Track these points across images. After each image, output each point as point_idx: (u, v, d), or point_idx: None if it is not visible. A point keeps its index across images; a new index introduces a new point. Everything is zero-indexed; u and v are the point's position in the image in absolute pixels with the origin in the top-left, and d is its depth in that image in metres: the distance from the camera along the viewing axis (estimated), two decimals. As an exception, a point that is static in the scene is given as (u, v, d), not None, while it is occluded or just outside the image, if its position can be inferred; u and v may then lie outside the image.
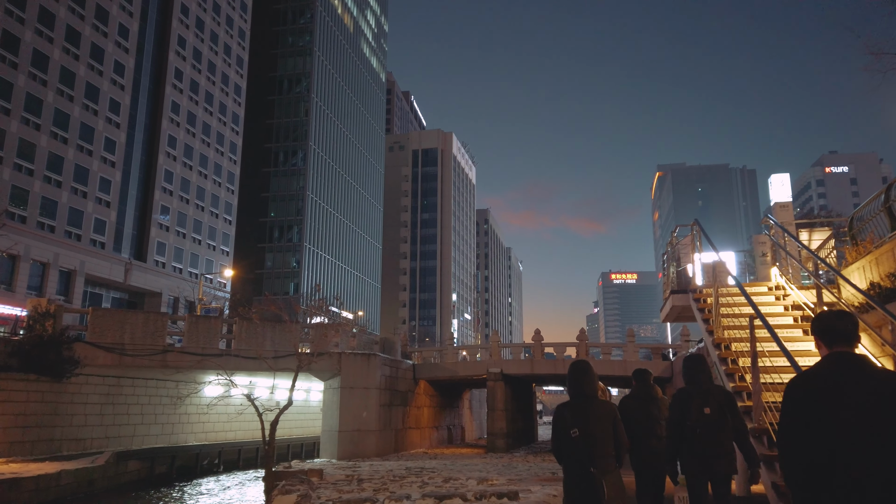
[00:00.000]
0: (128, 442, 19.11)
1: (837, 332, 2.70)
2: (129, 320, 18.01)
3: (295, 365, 20.29)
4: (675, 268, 8.98)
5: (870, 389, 2.50)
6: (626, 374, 24.96)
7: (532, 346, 26.44)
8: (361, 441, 20.74)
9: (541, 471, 13.82)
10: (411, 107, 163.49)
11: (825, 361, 2.65)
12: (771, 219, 8.19)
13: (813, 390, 2.59)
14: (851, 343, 2.69)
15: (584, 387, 4.27)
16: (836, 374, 2.59)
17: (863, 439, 2.42)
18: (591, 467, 4.03)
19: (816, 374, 2.64)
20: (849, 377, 2.56)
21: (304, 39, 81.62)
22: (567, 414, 4.22)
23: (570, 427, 4.15)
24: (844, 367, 2.60)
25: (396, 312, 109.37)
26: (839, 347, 2.68)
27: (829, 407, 2.51)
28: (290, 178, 78.24)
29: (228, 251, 63.66)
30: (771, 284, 8.13)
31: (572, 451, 4.13)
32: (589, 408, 4.20)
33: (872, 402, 2.47)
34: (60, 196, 44.29)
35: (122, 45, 50.71)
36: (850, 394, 2.51)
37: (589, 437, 4.10)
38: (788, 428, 2.59)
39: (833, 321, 2.74)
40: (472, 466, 14.93)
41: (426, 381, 27.17)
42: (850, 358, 2.62)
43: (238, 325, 20.22)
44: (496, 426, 25.37)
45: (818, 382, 2.60)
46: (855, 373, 2.57)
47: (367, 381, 21.24)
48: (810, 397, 2.58)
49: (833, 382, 2.57)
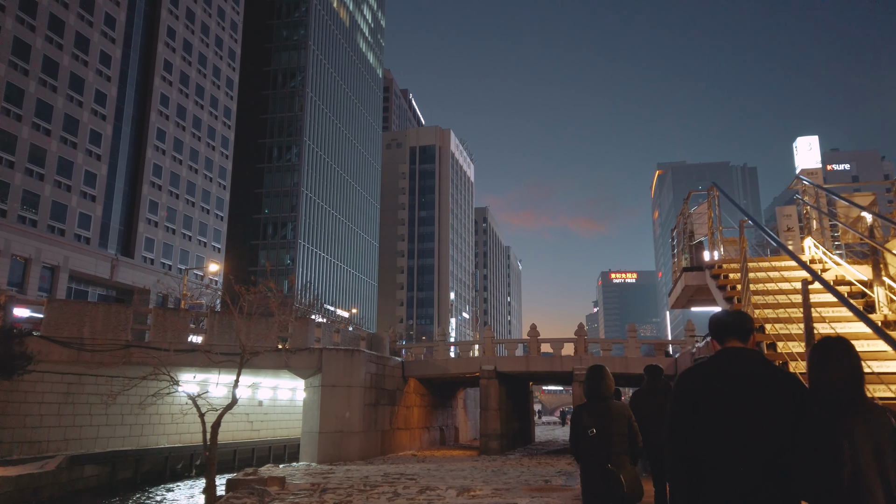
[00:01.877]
0: (90, 445, 17.73)
1: (728, 327, 2.70)
2: (89, 313, 16.62)
3: (273, 362, 18.94)
4: (688, 242, 7.61)
5: (745, 385, 2.47)
6: (626, 371, 23.55)
7: (528, 341, 25.03)
8: (344, 443, 19.34)
9: (533, 477, 12.44)
10: (409, 105, 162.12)
11: (712, 357, 2.67)
12: (805, 180, 6.84)
13: (692, 385, 2.59)
14: (744, 339, 2.67)
15: (600, 389, 4.46)
16: (716, 369, 2.59)
17: (731, 435, 2.41)
18: (607, 464, 4.24)
19: (699, 369, 2.64)
20: (729, 372, 2.54)
21: (299, 33, 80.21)
22: (584, 414, 4.45)
23: (587, 426, 4.37)
24: (727, 362, 2.60)
25: (394, 311, 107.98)
26: (730, 343, 2.67)
27: (704, 402, 2.52)
28: (285, 173, 76.86)
29: (220, 248, 62.28)
30: (805, 258, 6.77)
31: (589, 449, 4.35)
32: (605, 408, 4.41)
33: (743, 398, 2.45)
34: (43, 189, 42.91)
35: (108, 35, 49.31)
36: (724, 389, 2.50)
37: (605, 435, 4.31)
38: (670, 422, 2.61)
39: (723, 317, 2.76)
40: (458, 472, 13.55)
41: (416, 379, 25.76)
42: (735, 353, 2.62)
43: (210, 319, 18.82)
44: (490, 427, 23.97)
45: (698, 377, 2.60)
46: (735, 368, 2.55)
47: (351, 378, 19.85)
48: (689, 391, 2.58)
49: (712, 377, 2.57)
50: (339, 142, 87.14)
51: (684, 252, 7.70)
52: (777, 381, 2.50)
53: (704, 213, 7.40)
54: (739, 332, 2.67)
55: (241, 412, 24.78)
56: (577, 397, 23.82)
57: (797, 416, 2.43)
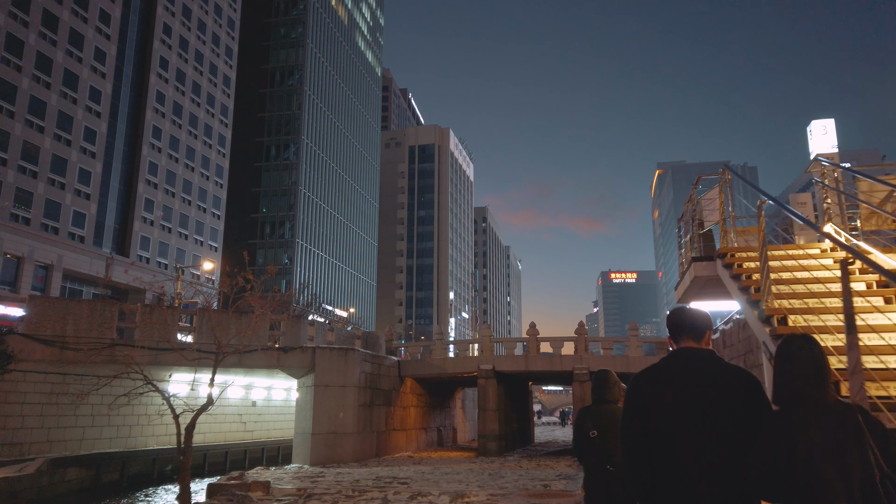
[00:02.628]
0: (75, 446, 17.18)
1: (679, 327, 2.68)
2: (73, 310, 16.06)
3: (264, 361, 18.40)
4: (697, 231, 7.07)
5: (696, 384, 2.44)
6: (628, 370, 22.99)
7: (527, 340, 24.47)
8: (337, 444, 18.81)
9: (531, 481, 11.87)
10: (409, 104, 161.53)
11: (663, 358, 2.65)
12: (825, 162, 6.30)
13: (642, 386, 2.56)
14: (697, 338, 2.63)
15: (605, 393, 4.60)
16: (666, 370, 2.56)
17: (682, 436, 2.39)
18: (607, 465, 4.32)
19: (650, 371, 2.61)
20: (678, 372, 2.51)
21: (297, 31, 79.66)
22: (587, 417, 4.55)
23: (589, 429, 4.46)
24: (676, 362, 2.57)
25: (393, 311, 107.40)
26: (685, 343, 2.64)
27: (653, 403, 2.49)
28: (282, 172, 76.30)
29: (217, 246, 61.71)
30: (824, 246, 6.23)
31: (591, 451, 4.45)
32: (607, 411, 4.49)
33: (694, 398, 2.42)
34: (36, 187, 42.36)
35: (103, 32, 48.75)
36: (674, 389, 2.47)
37: (606, 438, 4.37)
38: (622, 425, 2.59)
39: (678, 316, 2.72)
40: (454, 475, 13.01)
41: (413, 378, 25.22)
42: (687, 353, 2.59)
43: (198, 317, 18.27)
44: (488, 428, 23.42)
45: (647, 379, 2.58)
46: (684, 368, 2.52)
47: (345, 378, 19.31)
48: (639, 394, 2.55)
49: (661, 378, 2.54)
50: (338, 140, 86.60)
51: (693, 241, 7.16)
52: (730, 379, 2.46)
53: (715, 199, 6.85)
54: (692, 331, 2.64)
55: (233, 412, 24.26)
56: (577, 397, 23.29)
57: (752, 413, 2.40)
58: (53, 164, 43.64)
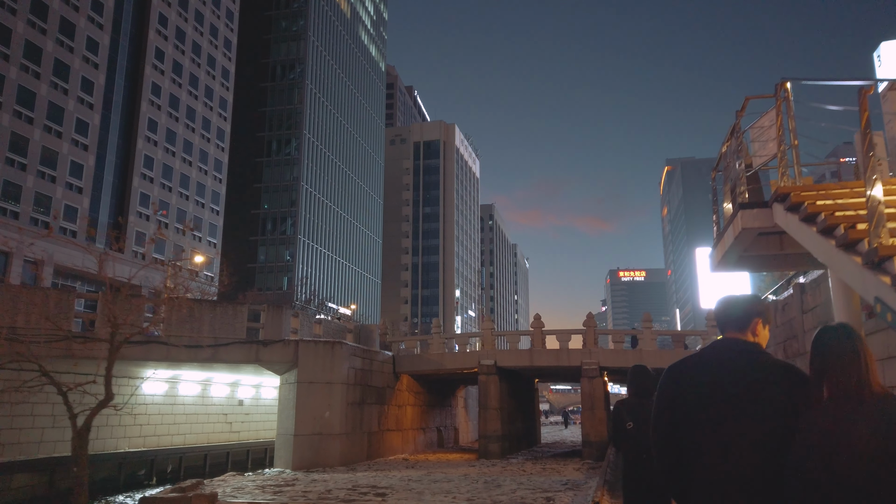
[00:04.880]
0: (32, 450, 15.62)
1: (724, 316, 2.55)
2: (24, 298, 14.51)
3: (241, 355, 16.81)
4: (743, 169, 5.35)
5: (733, 378, 2.33)
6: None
7: (532, 333, 22.72)
8: (323, 447, 17.17)
9: (532, 492, 10.16)
10: (415, 102, 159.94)
11: (701, 348, 2.58)
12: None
13: (675, 378, 2.47)
14: (742, 329, 2.48)
15: (639, 387, 4.86)
16: (701, 361, 2.46)
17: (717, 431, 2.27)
18: (643, 454, 4.49)
19: (685, 361, 2.52)
20: (714, 364, 2.40)
21: (298, 24, 78.21)
22: (623, 410, 4.84)
23: (625, 421, 4.74)
24: (714, 353, 2.46)
25: (398, 309, 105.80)
26: (729, 334, 2.52)
27: (686, 397, 2.38)
28: (284, 167, 74.88)
29: (216, 243, 60.27)
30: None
31: (628, 442, 4.75)
32: (643, 404, 4.74)
33: (730, 392, 2.31)
34: (25, 180, 41.03)
35: (95, 21, 47.39)
36: (708, 383, 2.36)
37: (641, 429, 4.57)
38: (653, 416, 2.50)
39: (720, 306, 2.60)
40: (444, 483, 11.34)
41: (410, 375, 23.55)
42: (725, 344, 2.47)
43: (167, 306, 16.69)
44: (489, 427, 21.71)
45: (681, 370, 2.48)
46: (722, 359, 2.40)
47: (331, 374, 17.67)
48: (672, 386, 2.46)
49: (696, 370, 2.44)
50: (341, 136, 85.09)
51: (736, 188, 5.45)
52: (769, 374, 2.30)
53: (771, 127, 5.13)
54: (735, 322, 2.49)
55: (217, 412, 22.68)
56: (585, 395, 21.55)
57: (792, 410, 2.23)
58: (43, 157, 42.30)
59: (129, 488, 16.85)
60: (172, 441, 20.38)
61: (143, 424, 19.39)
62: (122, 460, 17.28)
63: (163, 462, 18.93)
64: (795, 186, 4.75)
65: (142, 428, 19.32)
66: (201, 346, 16.19)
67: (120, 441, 18.37)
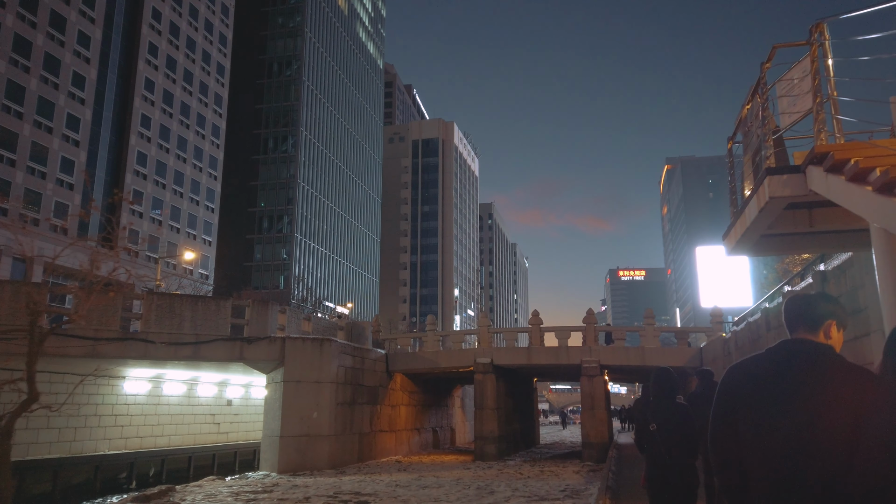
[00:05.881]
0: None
1: (795, 315, 2.40)
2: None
3: (224, 352, 16.03)
4: (770, 130, 4.56)
5: (797, 380, 2.21)
6: (643, 364, 20.48)
7: (530, 330, 21.94)
8: (310, 449, 16.40)
9: (528, 500, 9.34)
10: (414, 101, 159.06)
11: (767, 349, 2.42)
12: None
13: (735, 378, 2.37)
14: (813, 330, 2.33)
15: (663, 389, 4.99)
16: (767, 362, 2.33)
17: (781, 438, 2.17)
18: (666, 456, 4.71)
19: (747, 363, 2.39)
20: (778, 365, 2.28)
21: (295, 20, 77.41)
22: (647, 411, 4.98)
23: (648, 422, 4.86)
24: (779, 353, 2.33)
25: (397, 308, 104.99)
26: (800, 334, 2.37)
27: (748, 400, 2.28)
28: (280, 165, 74.08)
29: (211, 241, 59.50)
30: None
31: (651, 443, 4.84)
32: (666, 407, 4.93)
33: (797, 396, 2.21)
34: (14, 176, 40.25)
35: (87, 15, 46.61)
36: (771, 384, 2.26)
37: (664, 431, 4.76)
38: (712, 422, 2.41)
39: (792, 303, 2.46)
40: (433, 489, 10.57)
41: (403, 374, 22.77)
42: (794, 344, 2.33)
43: (147, 302, 15.89)
44: (486, 428, 20.93)
45: (744, 371, 2.37)
46: (789, 361, 2.27)
47: (320, 372, 16.89)
48: (733, 388, 2.36)
49: (760, 372, 2.32)
50: (338, 133, 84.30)
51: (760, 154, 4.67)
52: (842, 376, 2.17)
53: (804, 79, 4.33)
54: (806, 322, 2.33)
55: (204, 412, 21.90)
56: (585, 395, 20.78)
57: (865, 412, 2.07)
58: (33, 153, 41.52)
59: (106, 493, 16.08)
60: (156, 443, 19.61)
61: (125, 426, 18.62)
62: (98, 463, 16.51)
63: (144, 465, 18.16)
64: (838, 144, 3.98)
65: (123, 429, 18.55)
66: (181, 343, 15.41)
67: (99, 443, 17.60)
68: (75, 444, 16.91)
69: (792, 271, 33.53)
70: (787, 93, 4.69)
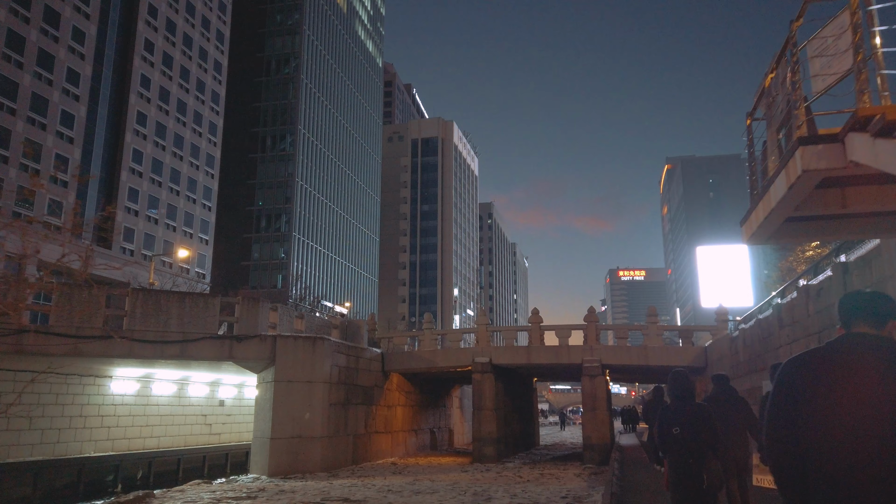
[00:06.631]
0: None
1: (858, 308, 2.30)
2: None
3: (212, 351, 15.47)
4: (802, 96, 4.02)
5: (863, 375, 2.11)
6: (646, 363, 19.93)
7: (529, 329, 21.38)
8: (302, 451, 15.84)
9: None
10: (413, 100, 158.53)
11: (829, 342, 2.33)
12: None
13: (797, 373, 2.25)
14: (878, 325, 2.24)
15: (682, 391, 5.01)
16: (831, 356, 2.22)
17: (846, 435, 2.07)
18: (689, 459, 4.71)
19: (809, 356, 2.28)
20: (843, 359, 2.18)
21: (293, 18, 76.84)
22: (669, 414, 4.95)
23: (672, 425, 4.89)
24: (845, 348, 2.22)
25: (396, 308, 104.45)
26: (858, 329, 2.28)
27: (810, 394, 2.18)
28: (279, 164, 73.50)
29: (208, 239, 58.92)
30: None
31: (674, 446, 4.83)
32: (687, 409, 4.92)
33: (861, 392, 2.11)
34: (7, 172, 39.69)
35: (81, 10, 46.06)
36: (838, 380, 2.15)
37: (687, 433, 4.79)
38: (769, 418, 2.31)
39: (854, 297, 2.35)
40: (427, 495, 10.02)
41: (400, 374, 22.22)
42: (859, 338, 2.24)
43: (131, 298, 15.34)
44: (484, 429, 20.38)
45: (806, 365, 2.25)
46: (856, 356, 2.17)
47: (312, 372, 16.34)
48: (792, 382, 2.25)
49: (824, 366, 2.21)
50: (337, 132, 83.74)
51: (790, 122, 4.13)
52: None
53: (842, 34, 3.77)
54: (871, 316, 2.26)
55: (196, 413, 21.34)
56: (587, 394, 20.23)
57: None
58: (27, 149, 40.94)
59: (90, 497, 15.53)
60: (145, 444, 19.06)
61: (112, 427, 18.07)
62: (82, 466, 15.96)
63: (131, 467, 17.60)
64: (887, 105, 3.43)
65: (110, 430, 17.99)
66: (168, 341, 14.86)
67: (85, 445, 17.05)
68: (59, 445, 16.36)
69: (796, 270, 32.92)
70: (820, 52, 4.15)
